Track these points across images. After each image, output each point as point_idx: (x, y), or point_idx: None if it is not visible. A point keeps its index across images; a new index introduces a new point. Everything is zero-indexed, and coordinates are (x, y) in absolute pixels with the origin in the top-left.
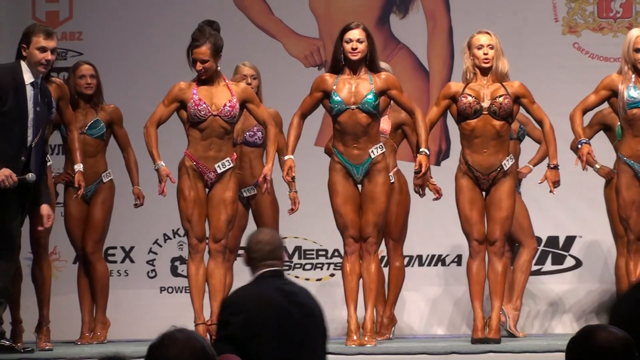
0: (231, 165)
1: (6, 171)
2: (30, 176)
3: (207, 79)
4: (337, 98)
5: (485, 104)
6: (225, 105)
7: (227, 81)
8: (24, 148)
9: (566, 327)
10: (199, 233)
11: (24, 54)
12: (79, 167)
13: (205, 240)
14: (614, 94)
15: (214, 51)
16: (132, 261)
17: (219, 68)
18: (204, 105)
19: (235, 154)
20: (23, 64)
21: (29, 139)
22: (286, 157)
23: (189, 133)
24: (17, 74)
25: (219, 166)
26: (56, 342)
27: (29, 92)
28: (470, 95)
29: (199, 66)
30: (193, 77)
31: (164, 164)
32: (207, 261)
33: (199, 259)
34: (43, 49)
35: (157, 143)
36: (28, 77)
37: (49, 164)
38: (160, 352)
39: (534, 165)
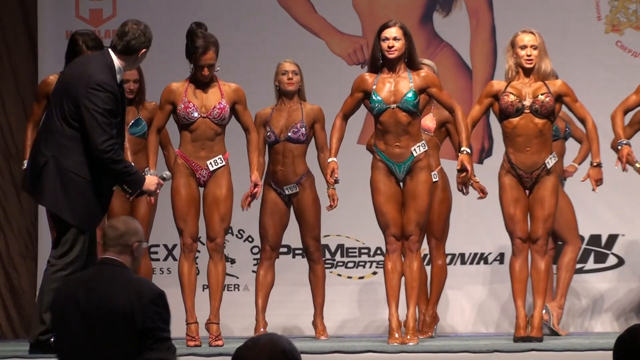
0: (223, 163)
1: (154, 179)
2: (167, 174)
3: (200, 79)
4: (377, 98)
5: (527, 102)
6: (214, 107)
7: (219, 81)
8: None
9: (606, 325)
10: (193, 233)
11: (139, 56)
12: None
13: (197, 240)
14: None
15: (217, 53)
16: (174, 259)
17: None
18: (193, 108)
19: (227, 152)
20: (116, 62)
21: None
22: (329, 160)
23: (181, 134)
24: (115, 76)
25: (211, 163)
26: None
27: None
28: (512, 93)
29: (207, 71)
30: (186, 76)
31: (153, 173)
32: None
33: (191, 259)
34: None
35: (157, 150)
36: (119, 78)
37: None
38: (240, 354)
39: (579, 164)
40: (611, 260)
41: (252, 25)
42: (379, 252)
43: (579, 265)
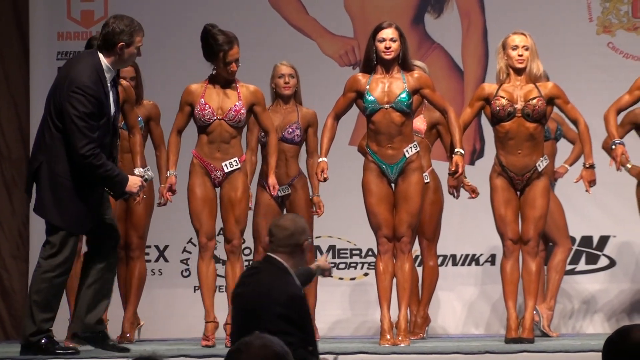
0: (239, 165)
1: (137, 179)
2: (149, 175)
3: (220, 80)
4: (371, 98)
5: (519, 105)
6: (230, 109)
7: (238, 83)
8: (112, 158)
9: (597, 326)
10: (208, 231)
11: (119, 51)
12: (138, 171)
13: (214, 238)
14: None
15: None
16: (166, 260)
17: None
18: (209, 110)
19: (244, 155)
20: (104, 61)
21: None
22: (320, 160)
23: (198, 135)
24: (102, 76)
25: (226, 165)
26: None
27: (111, 95)
28: (503, 97)
29: (234, 67)
30: (206, 77)
31: (172, 174)
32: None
33: (208, 258)
34: (138, 50)
35: (177, 151)
36: (109, 77)
37: None
38: (233, 357)
39: (570, 165)
40: (603, 262)
41: (243, 27)
42: (370, 253)
43: (570, 267)
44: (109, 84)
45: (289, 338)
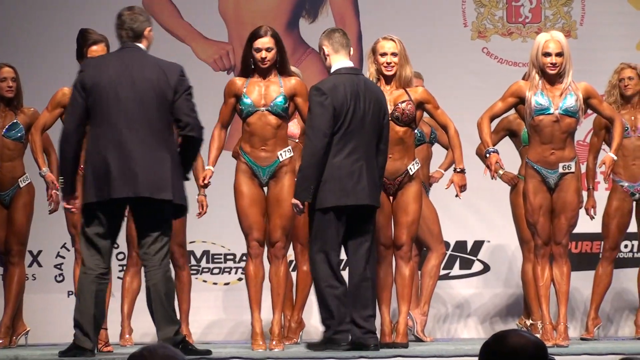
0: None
1: None
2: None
3: None
4: (247, 100)
5: (389, 109)
6: None
7: None
8: None
9: (471, 331)
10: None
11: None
12: None
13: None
14: (521, 100)
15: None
16: (39, 265)
17: None
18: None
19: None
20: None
21: None
22: (207, 167)
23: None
24: None
25: None
26: None
27: None
28: None
29: None
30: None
31: (48, 171)
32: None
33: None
34: None
35: (42, 149)
36: None
37: None
38: None
39: (445, 170)
40: (477, 267)
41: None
42: (244, 258)
43: (444, 272)
44: None
45: None
